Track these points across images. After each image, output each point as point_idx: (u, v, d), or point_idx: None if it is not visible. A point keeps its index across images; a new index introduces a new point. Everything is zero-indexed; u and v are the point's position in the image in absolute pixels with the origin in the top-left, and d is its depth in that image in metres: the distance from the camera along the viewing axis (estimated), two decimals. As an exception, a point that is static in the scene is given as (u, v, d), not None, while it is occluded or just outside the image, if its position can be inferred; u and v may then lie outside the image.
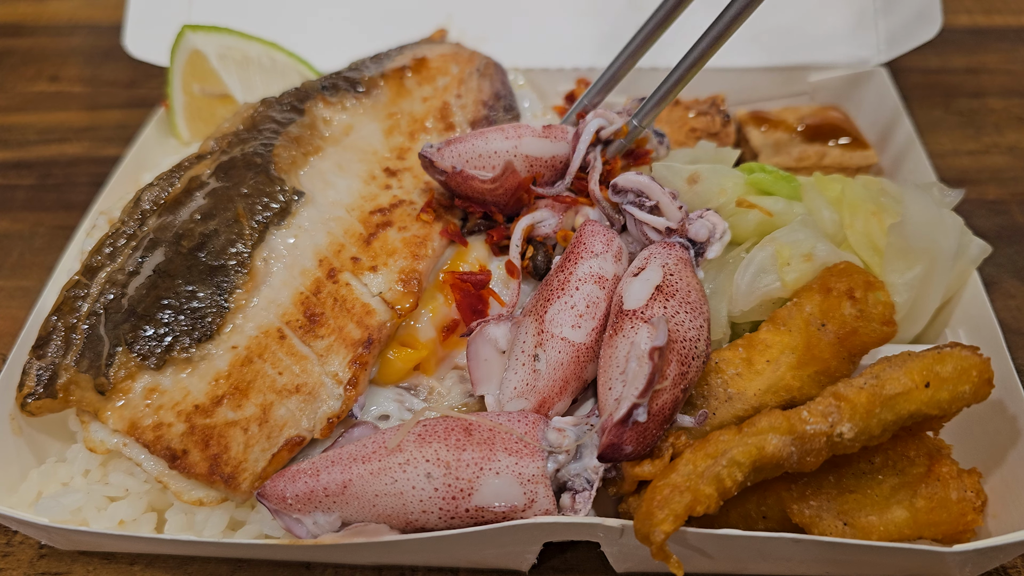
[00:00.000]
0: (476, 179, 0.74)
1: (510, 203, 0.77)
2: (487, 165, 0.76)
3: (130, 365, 0.65)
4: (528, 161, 0.76)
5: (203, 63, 1.04)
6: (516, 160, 0.76)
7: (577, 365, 0.67)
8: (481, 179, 0.73)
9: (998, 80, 1.25)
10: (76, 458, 0.71)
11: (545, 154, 0.77)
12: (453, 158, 0.75)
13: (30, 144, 1.22)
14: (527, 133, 0.77)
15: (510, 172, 0.73)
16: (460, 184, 0.75)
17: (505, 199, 0.76)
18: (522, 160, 0.76)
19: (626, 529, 0.59)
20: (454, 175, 0.74)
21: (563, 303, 0.68)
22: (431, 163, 0.74)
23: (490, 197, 0.76)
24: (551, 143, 0.77)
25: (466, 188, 0.75)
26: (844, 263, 0.70)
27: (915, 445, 0.63)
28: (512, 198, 0.76)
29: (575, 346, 0.66)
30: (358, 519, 0.61)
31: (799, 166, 0.96)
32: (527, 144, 0.76)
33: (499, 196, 0.76)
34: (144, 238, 0.73)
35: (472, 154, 0.75)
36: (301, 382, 0.67)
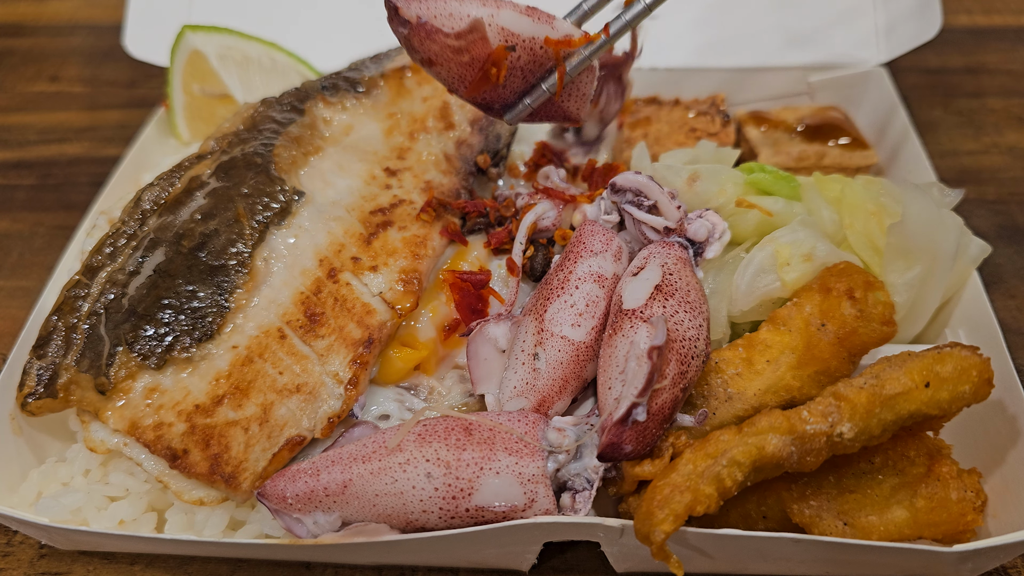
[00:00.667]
0: (440, 33, 0.64)
1: (476, 83, 0.67)
2: (458, 27, 0.65)
3: (131, 365, 0.65)
4: (504, 35, 0.66)
5: (203, 63, 1.04)
6: (491, 29, 0.65)
7: (577, 364, 0.67)
8: (445, 32, 0.64)
9: (998, 80, 1.25)
10: (76, 458, 0.71)
11: (525, 32, 0.66)
12: (421, 10, 0.65)
13: (30, 144, 1.22)
14: (508, 6, 0.67)
15: (479, 35, 0.64)
16: (423, 41, 0.65)
17: (471, 73, 0.66)
18: (497, 31, 0.66)
19: (626, 529, 0.59)
20: (418, 28, 0.64)
21: (563, 302, 0.68)
22: (396, 10, 0.64)
23: (455, 67, 0.66)
24: (533, 22, 0.67)
25: (429, 48, 0.65)
26: (844, 263, 0.70)
27: (915, 445, 0.63)
28: (479, 75, 0.66)
29: (575, 345, 0.66)
30: (358, 519, 0.61)
31: (799, 166, 0.96)
32: (506, 16, 0.66)
33: (464, 67, 0.66)
34: (144, 238, 0.73)
35: (443, 12, 0.65)
36: (302, 382, 0.67)
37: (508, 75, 0.67)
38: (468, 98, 0.70)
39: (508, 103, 0.70)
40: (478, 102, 0.70)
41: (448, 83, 0.69)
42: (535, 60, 0.68)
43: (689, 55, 1.09)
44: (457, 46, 0.65)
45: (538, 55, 0.68)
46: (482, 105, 0.70)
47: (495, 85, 0.68)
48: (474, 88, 0.68)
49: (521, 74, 0.68)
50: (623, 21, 0.69)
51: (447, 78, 0.68)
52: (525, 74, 0.68)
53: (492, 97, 0.69)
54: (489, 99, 0.69)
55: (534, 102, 0.70)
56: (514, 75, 0.68)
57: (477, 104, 0.70)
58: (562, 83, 0.68)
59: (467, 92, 0.69)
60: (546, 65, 0.69)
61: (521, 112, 0.71)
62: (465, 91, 0.69)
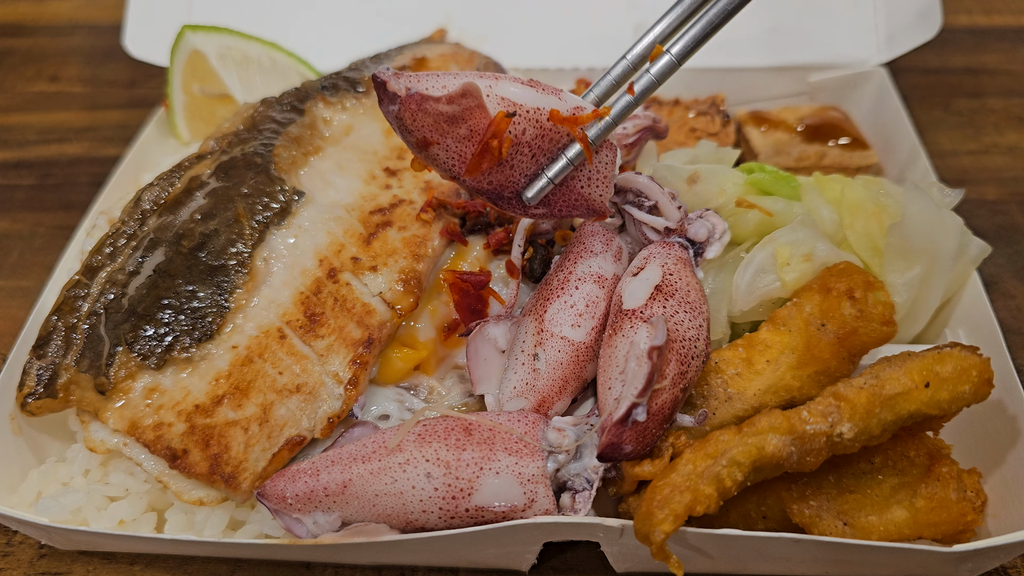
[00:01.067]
0: (431, 100, 0.57)
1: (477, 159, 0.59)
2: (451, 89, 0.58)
3: (130, 365, 0.65)
4: (504, 104, 0.59)
5: (203, 63, 1.04)
6: (489, 99, 0.58)
7: (577, 364, 0.67)
8: (436, 98, 0.57)
9: (998, 80, 1.25)
10: (76, 458, 0.71)
11: (527, 102, 0.59)
12: (411, 83, 0.58)
13: (30, 144, 1.22)
14: (507, 78, 0.61)
15: (475, 100, 0.56)
16: (415, 115, 0.58)
17: (470, 148, 0.58)
18: (496, 101, 0.59)
19: (626, 529, 0.59)
20: (408, 100, 0.57)
21: (563, 302, 0.68)
22: (384, 86, 0.58)
23: (452, 143, 0.58)
24: (537, 93, 0.60)
25: (422, 122, 0.58)
26: (844, 263, 0.70)
27: (915, 445, 0.63)
28: (479, 149, 0.58)
29: (575, 345, 0.66)
30: (358, 519, 0.61)
31: (799, 166, 0.96)
32: (505, 86, 0.59)
33: (462, 142, 0.58)
34: (144, 238, 0.73)
35: (435, 84, 0.58)
36: (301, 382, 0.67)
37: (514, 152, 0.60)
38: (472, 184, 0.61)
39: (519, 189, 0.62)
40: (484, 188, 0.61)
41: (448, 167, 0.61)
42: (543, 135, 0.60)
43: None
44: (451, 113, 0.58)
45: (546, 129, 0.60)
46: (490, 193, 0.62)
47: (499, 162, 0.60)
48: (475, 166, 0.60)
49: (529, 151, 0.60)
50: (651, 77, 0.61)
51: (446, 160, 0.60)
52: (534, 151, 0.60)
53: (499, 180, 0.61)
54: (496, 183, 0.61)
55: (556, 176, 0.61)
56: (521, 152, 0.60)
57: (484, 193, 0.62)
58: (590, 151, 0.60)
59: (469, 173, 0.60)
60: (559, 143, 0.61)
61: (543, 188, 0.61)
62: (467, 172, 0.60)
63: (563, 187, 0.63)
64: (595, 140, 0.61)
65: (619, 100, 0.62)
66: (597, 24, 1.11)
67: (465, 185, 0.62)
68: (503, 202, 0.63)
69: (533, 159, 0.61)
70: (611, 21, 1.11)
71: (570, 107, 0.61)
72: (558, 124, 0.60)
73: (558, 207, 0.63)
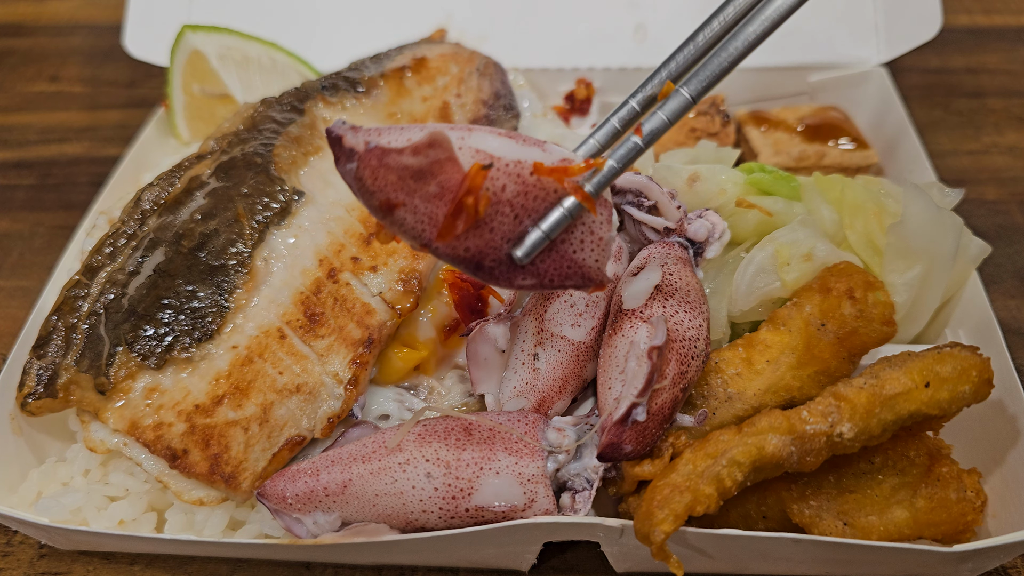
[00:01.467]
0: (394, 152, 0.48)
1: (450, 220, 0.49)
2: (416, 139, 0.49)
3: (130, 365, 0.65)
4: (479, 156, 0.50)
5: (203, 63, 1.04)
6: (461, 152, 0.49)
7: (577, 364, 0.67)
8: (399, 149, 0.48)
9: (998, 80, 1.24)
10: (76, 458, 0.71)
11: (506, 154, 0.50)
12: (370, 137, 0.49)
13: (30, 144, 1.22)
14: (481, 129, 0.51)
15: (444, 152, 0.47)
16: (376, 172, 0.49)
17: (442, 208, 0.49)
18: (470, 153, 0.49)
19: (626, 529, 0.59)
20: (367, 155, 0.48)
21: (563, 302, 0.68)
22: (339, 141, 0.49)
23: (420, 203, 0.48)
24: (517, 144, 0.51)
25: (385, 180, 0.49)
26: (844, 263, 0.70)
27: (915, 445, 0.63)
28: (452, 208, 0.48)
29: (575, 345, 0.66)
30: (358, 519, 0.61)
31: (799, 166, 0.96)
32: (479, 138, 0.50)
33: (432, 201, 0.48)
34: (144, 238, 0.73)
35: (398, 138, 0.49)
36: (301, 382, 0.67)
37: (493, 212, 0.49)
38: (447, 252, 0.50)
39: (501, 256, 0.51)
40: (461, 256, 0.50)
41: (417, 233, 0.50)
42: (526, 192, 0.50)
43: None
44: (417, 166, 0.48)
45: (529, 185, 0.50)
46: (468, 262, 0.51)
47: (477, 224, 0.49)
48: (449, 229, 0.49)
49: (511, 211, 0.50)
50: (662, 117, 0.52)
51: (414, 225, 0.50)
52: (517, 211, 0.50)
53: (478, 246, 0.50)
54: (475, 249, 0.50)
55: (552, 230, 0.50)
56: (501, 212, 0.50)
57: (461, 262, 0.51)
58: (592, 202, 0.50)
59: (442, 238, 0.49)
60: (546, 201, 0.50)
61: (537, 243, 0.50)
62: (439, 237, 0.50)
63: (553, 253, 0.52)
64: (597, 189, 0.51)
65: (625, 143, 0.53)
66: (597, 24, 1.11)
67: (438, 253, 0.51)
68: (483, 273, 0.52)
69: (516, 220, 0.51)
70: (611, 21, 1.11)
71: (555, 159, 0.51)
72: (543, 177, 0.50)
73: (548, 277, 0.53)
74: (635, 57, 1.08)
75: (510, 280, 0.53)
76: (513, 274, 0.53)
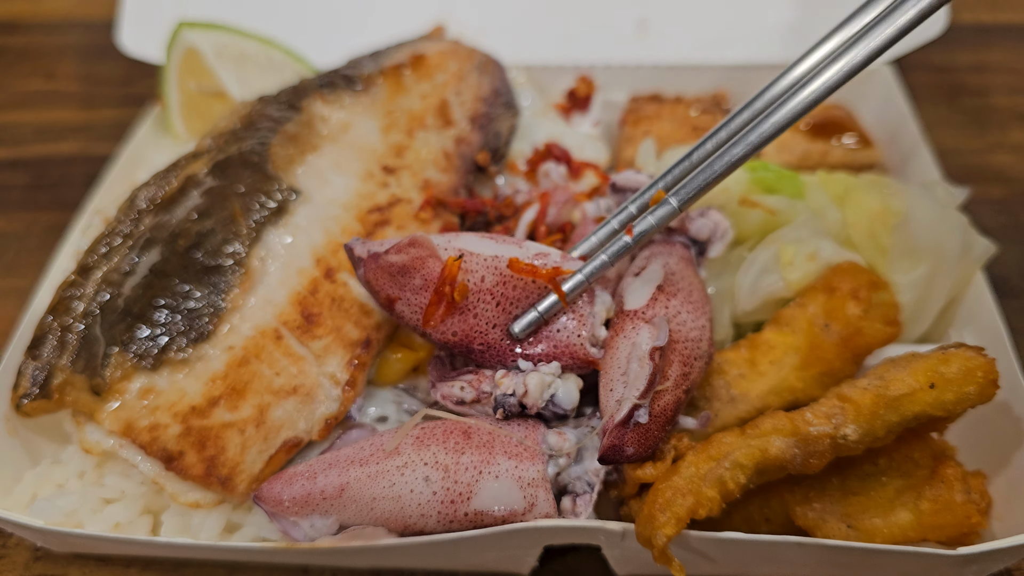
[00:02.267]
0: (382, 255, 0.58)
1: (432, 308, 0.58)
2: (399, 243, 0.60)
3: (126, 366, 0.64)
4: (457, 252, 0.60)
5: (199, 60, 1.03)
6: (444, 251, 0.60)
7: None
8: (386, 251, 0.58)
9: (1003, 78, 1.24)
10: (71, 460, 0.70)
11: (485, 251, 0.59)
12: (372, 245, 0.61)
13: (25, 142, 1.21)
14: (466, 234, 0.62)
15: (425, 250, 0.57)
16: (375, 274, 0.60)
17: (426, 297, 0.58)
18: (454, 252, 0.60)
19: (628, 532, 0.58)
20: (369, 260, 0.59)
21: (563, 303, 0.67)
22: (351, 251, 0.62)
23: (410, 294, 0.58)
24: (495, 243, 0.60)
25: (381, 280, 0.60)
26: (848, 263, 0.69)
27: (920, 447, 0.62)
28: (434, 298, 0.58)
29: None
30: (356, 522, 0.60)
31: (803, 164, 0.95)
32: (463, 240, 0.60)
33: (418, 292, 0.58)
34: (140, 237, 0.72)
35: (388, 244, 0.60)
36: (298, 383, 0.66)
37: (475, 300, 0.59)
38: (438, 337, 0.60)
39: (489, 340, 0.60)
40: (450, 340, 0.60)
41: (413, 323, 0.60)
42: (505, 283, 0.59)
43: (691, 52, 1.08)
44: (401, 264, 0.58)
45: (507, 276, 0.59)
46: (458, 345, 0.60)
47: (461, 310, 0.58)
48: (431, 315, 0.58)
49: (493, 299, 0.59)
50: (649, 224, 0.60)
51: (409, 316, 0.60)
52: (498, 299, 0.59)
53: (464, 331, 0.59)
54: (462, 334, 0.59)
55: (547, 311, 0.59)
56: (483, 300, 0.59)
57: (452, 347, 0.60)
58: (562, 294, 0.58)
59: (427, 324, 0.59)
60: (529, 291, 0.59)
61: (532, 322, 0.59)
62: (424, 323, 0.59)
63: (539, 334, 0.60)
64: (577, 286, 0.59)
65: (616, 241, 0.61)
66: (597, 19, 1.10)
67: (431, 338, 0.61)
68: (475, 355, 0.61)
69: (499, 307, 0.60)
70: (613, 17, 1.10)
71: (530, 254, 0.60)
72: (517, 272, 0.58)
73: (537, 358, 0.61)
74: (636, 53, 1.07)
75: (502, 361, 0.61)
76: (504, 357, 0.61)
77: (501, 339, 0.60)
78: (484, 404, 0.61)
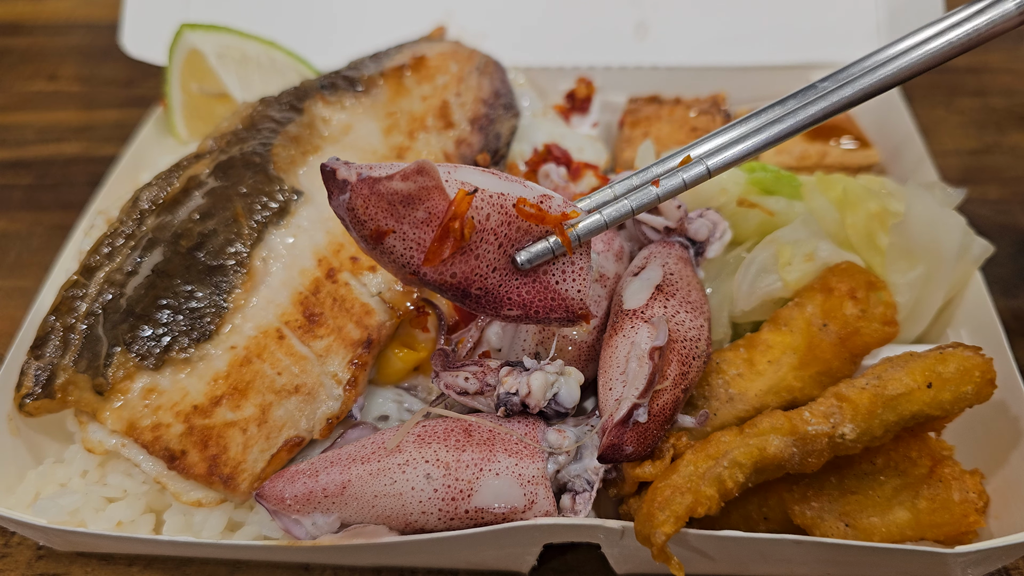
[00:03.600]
0: (383, 180, 0.51)
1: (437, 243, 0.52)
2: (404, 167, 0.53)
3: (128, 365, 0.65)
4: (464, 185, 0.54)
5: (201, 62, 1.04)
6: (448, 183, 0.53)
7: (578, 363, 0.66)
8: (389, 176, 0.51)
9: (1000, 79, 1.24)
10: (74, 459, 0.70)
11: (491, 186, 0.53)
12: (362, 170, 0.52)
13: (28, 143, 1.21)
14: (465, 167, 0.56)
15: (431, 180, 0.51)
16: (367, 201, 0.52)
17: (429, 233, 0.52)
18: (456, 184, 0.53)
19: (627, 530, 0.58)
20: (359, 184, 0.51)
21: (563, 303, 0.67)
22: (333, 174, 0.52)
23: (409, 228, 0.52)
24: (500, 180, 0.55)
25: (375, 208, 0.52)
26: (846, 263, 0.69)
27: (917, 446, 0.63)
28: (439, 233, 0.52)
29: (576, 344, 0.66)
30: (357, 520, 0.60)
31: (800, 165, 0.96)
32: (464, 172, 0.54)
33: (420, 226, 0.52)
34: (142, 238, 0.72)
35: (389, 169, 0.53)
36: (300, 382, 0.67)
37: (478, 239, 0.53)
38: (435, 278, 0.54)
39: (487, 285, 0.54)
40: (448, 282, 0.54)
41: (406, 260, 0.53)
42: (509, 223, 0.54)
43: (690, 54, 1.08)
44: (406, 192, 0.51)
45: (511, 217, 0.54)
46: (455, 289, 0.54)
47: (462, 249, 0.53)
48: (436, 252, 0.53)
49: (495, 239, 0.54)
50: (680, 181, 0.55)
51: (403, 252, 0.53)
52: (501, 240, 0.54)
53: (464, 272, 0.53)
54: (461, 276, 0.54)
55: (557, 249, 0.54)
56: (486, 240, 0.53)
57: (448, 289, 0.54)
58: (567, 238, 0.53)
59: (429, 262, 0.53)
60: (529, 233, 0.54)
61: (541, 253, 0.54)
62: (426, 261, 0.53)
63: (536, 284, 0.56)
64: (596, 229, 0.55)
65: (644, 189, 0.56)
66: (598, 22, 1.10)
67: (426, 280, 0.54)
68: (471, 301, 0.55)
69: (500, 249, 0.54)
70: (612, 19, 1.10)
71: (536, 195, 0.55)
72: (523, 215, 0.53)
73: (533, 308, 0.56)
74: (636, 55, 1.08)
75: (496, 308, 0.56)
76: (499, 304, 0.56)
77: (499, 284, 0.55)
78: (487, 396, 0.60)
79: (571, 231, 0.55)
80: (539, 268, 0.55)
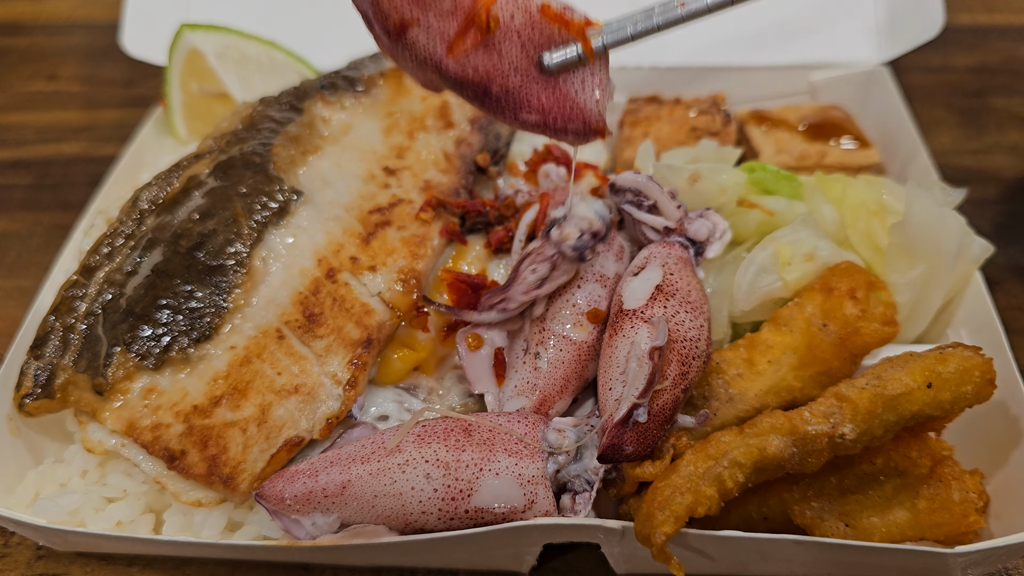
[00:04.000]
0: None
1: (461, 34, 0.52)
2: None
3: (128, 365, 0.65)
4: None
5: (201, 62, 1.04)
6: None
7: (578, 363, 0.66)
8: None
9: (1000, 79, 1.24)
10: (74, 459, 0.70)
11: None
12: None
13: (28, 143, 1.22)
14: None
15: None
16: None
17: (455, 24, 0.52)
18: None
19: (627, 530, 0.58)
20: None
21: (564, 301, 0.67)
22: None
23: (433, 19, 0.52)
24: None
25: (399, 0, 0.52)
26: (846, 263, 0.69)
27: (917, 446, 0.63)
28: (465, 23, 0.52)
29: (576, 344, 0.66)
30: (357, 520, 0.60)
31: (800, 165, 0.96)
32: None
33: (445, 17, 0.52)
34: (142, 238, 0.72)
35: None
36: (300, 382, 0.67)
37: (502, 37, 0.53)
38: (456, 71, 0.54)
39: (508, 85, 0.54)
40: (469, 77, 0.54)
41: (429, 52, 0.53)
42: (533, 26, 0.54)
43: (690, 54, 1.08)
44: None
45: (536, 20, 0.54)
46: (476, 86, 0.54)
47: (486, 44, 0.53)
48: (460, 41, 0.53)
49: (519, 40, 0.54)
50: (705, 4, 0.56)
51: (426, 43, 0.53)
52: (524, 42, 0.54)
53: (486, 68, 0.54)
54: (483, 71, 0.54)
55: (583, 56, 0.54)
56: (510, 39, 0.53)
57: (469, 85, 0.54)
58: (590, 46, 0.53)
59: (452, 52, 0.53)
60: (552, 39, 0.54)
61: (569, 58, 0.54)
62: (450, 52, 0.53)
63: (556, 91, 0.55)
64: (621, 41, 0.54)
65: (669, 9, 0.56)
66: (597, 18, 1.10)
67: (448, 74, 0.54)
68: (490, 100, 0.55)
69: (523, 51, 0.54)
70: (611, 17, 1.10)
71: (560, 3, 0.55)
72: (552, 16, 0.53)
73: (552, 115, 0.56)
74: (634, 55, 1.08)
75: (516, 112, 0.55)
76: (518, 106, 0.55)
77: (520, 86, 0.54)
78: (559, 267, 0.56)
79: (595, 40, 0.54)
80: (560, 76, 0.54)
